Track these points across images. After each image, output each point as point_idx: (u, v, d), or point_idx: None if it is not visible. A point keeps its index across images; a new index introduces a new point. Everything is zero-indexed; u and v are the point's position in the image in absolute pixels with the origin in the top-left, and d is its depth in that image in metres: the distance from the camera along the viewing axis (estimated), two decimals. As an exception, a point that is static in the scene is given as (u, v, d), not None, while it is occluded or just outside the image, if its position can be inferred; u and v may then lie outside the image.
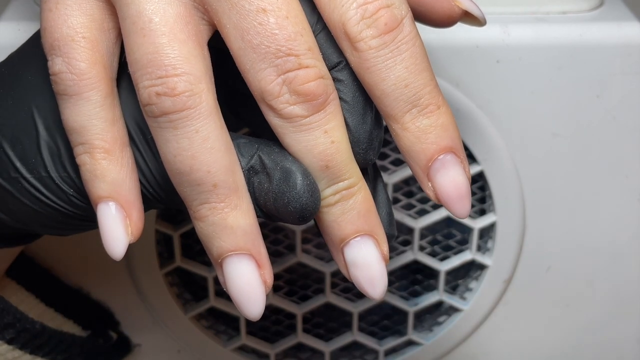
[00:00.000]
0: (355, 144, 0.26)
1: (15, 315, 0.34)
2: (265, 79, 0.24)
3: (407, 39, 0.25)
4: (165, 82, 0.24)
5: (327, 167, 0.25)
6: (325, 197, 0.26)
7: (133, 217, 0.27)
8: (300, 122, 0.25)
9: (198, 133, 0.24)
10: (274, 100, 0.24)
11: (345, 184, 0.26)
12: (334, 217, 0.26)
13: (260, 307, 0.26)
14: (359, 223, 0.26)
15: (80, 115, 0.26)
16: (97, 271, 0.41)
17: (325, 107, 0.25)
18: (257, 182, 0.26)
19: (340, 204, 0.26)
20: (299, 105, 0.24)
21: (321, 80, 0.24)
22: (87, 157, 0.26)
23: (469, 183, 0.27)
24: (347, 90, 0.26)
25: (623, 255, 0.41)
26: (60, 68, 0.25)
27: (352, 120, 0.26)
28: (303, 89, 0.24)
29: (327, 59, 0.25)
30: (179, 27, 0.24)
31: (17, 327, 0.34)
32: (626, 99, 0.37)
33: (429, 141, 0.26)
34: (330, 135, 0.25)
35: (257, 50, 0.24)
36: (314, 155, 0.25)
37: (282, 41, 0.24)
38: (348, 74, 0.25)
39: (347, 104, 0.26)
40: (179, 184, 0.25)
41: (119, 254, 0.27)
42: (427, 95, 0.25)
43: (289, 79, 0.24)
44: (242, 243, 0.26)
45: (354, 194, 0.26)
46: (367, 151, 0.26)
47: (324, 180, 0.25)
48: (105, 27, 0.26)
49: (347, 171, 0.25)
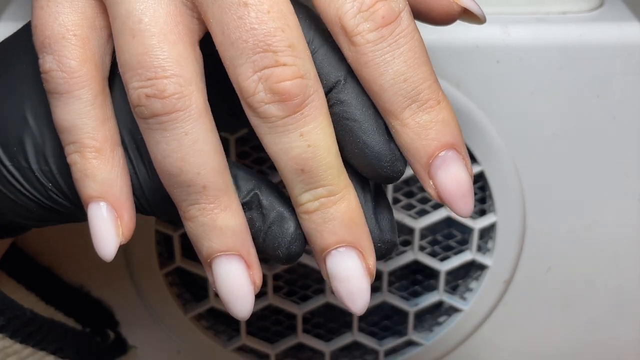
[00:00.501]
0: (378, 160, 0.25)
1: (4, 301, 0.34)
2: (242, 75, 0.24)
3: (405, 32, 0.24)
4: (154, 84, 0.24)
5: (303, 170, 0.24)
6: (302, 202, 0.25)
7: (124, 218, 0.26)
8: (276, 122, 0.24)
9: (187, 135, 0.24)
10: (250, 98, 0.24)
11: (324, 191, 0.25)
12: (314, 225, 0.25)
13: (249, 307, 0.26)
14: (341, 233, 0.25)
15: (71, 114, 0.25)
16: (97, 271, 0.41)
17: (303, 109, 0.24)
18: (248, 217, 0.26)
19: (320, 212, 0.25)
20: (274, 104, 0.24)
21: (299, 80, 0.24)
22: (77, 156, 0.26)
23: (471, 180, 0.26)
24: (354, 110, 0.25)
25: (623, 255, 0.41)
26: (50, 66, 0.25)
27: (367, 138, 0.25)
28: (278, 87, 0.23)
29: (325, 78, 0.25)
30: (169, 27, 0.24)
31: (7, 314, 0.34)
32: (626, 99, 0.37)
33: (429, 137, 0.25)
34: (307, 139, 0.24)
35: (236, 45, 0.23)
36: (290, 158, 0.24)
37: (261, 36, 0.23)
38: (350, 91, 0.25)
39: (357, 122, 0.25)
40: (169, 185, 0.25)
41: (110, 255, 0.26)
42: (426, 90, 0.25)
43: (265, 76, 0.23)
44: (232, 244, 0.26)
45: (335, 202, 0.25)
46: (394, 163, 0.25)
47: (300, 185, 0.25)
48: (97, 25, 0.26)
49: (325, 177, 0.25)
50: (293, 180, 0.25)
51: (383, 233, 0.26)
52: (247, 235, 0.26)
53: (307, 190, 0.25)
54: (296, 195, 0.25)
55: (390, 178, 0.26)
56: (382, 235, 0.26)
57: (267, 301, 0.41)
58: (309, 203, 0.25)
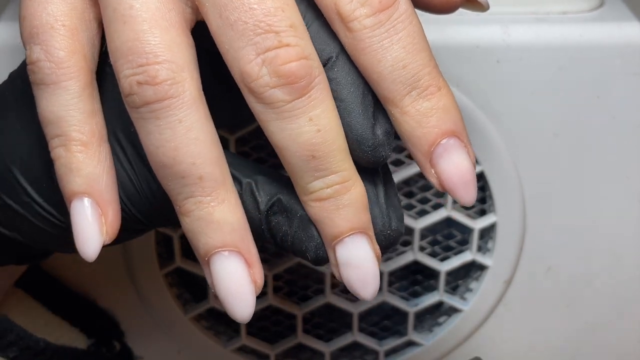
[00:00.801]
0: (360, 143, 0.24)
1: (18, 333, 0.33)
2: (243, 59, 0.23)
3: (403, 17, 0.23)
4: (146, 70, 0.23)
5: (314, 157, 0.23)
6: (314, 190, 0.24)
7: (109, 216, 0.25)
8: (282, 107, 0.23)
9: (181, 123, 0.23)
10: (253, 82, 0.23)
11: (337, 177, 0.24)
12: (326, 213, 0.24)
13: (250, 309, 0.25)
14: (354, 220, 0.24)
15: (57, 106, 0.24)
16: (96, 272, 0.41)
17: (310, 91, 0.23)
18: (274, 221, 0.25)
19: (334, 200, 0.24)
20: (280, 88, 0.23)
21: (304, 61, 0.23)
22: (62, 150, 0.25)
23: (474, 168, 0.25)
24: (341, 89, 0.24)
25: (623, 255, 0.41)
26: (38, 56, 0.24)
27: (351, 119, 0.24)
28: (284, 69, 0.22)
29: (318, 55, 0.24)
30: (160, 13, 0.23)
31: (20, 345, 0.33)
32: (626, 99, 0.37)
33: (430, 125, 0.24)
34: (316, 123, 0.23)
35: (235, 27, 0.23)
36: (299, 145, 0.23)
37: (261, 16, 0.22)
38: (340, 70, 0.24)
39: (343, 102, 0.24)
40: (163, 177, 0.24)
41: (92, 255, 0.25)
42: (426, 77, 0.24)
43: (269, 59, 0.22)
44: (230, 239, 0.24)
45: (349, 188, 0.24)
46: (376, 148, 0.24)
47: (310, 172, 0.24)
48: (86, 17, 0.25)
49: (337, 163, 0.24)
50: (302, 168, 0.24)
51: (391, 220, 0.26)
52: (246, 231, 0.25)
53: (319, 178, 0.24)
54: (306, 183, 0.24)
55: (371, 163, 0.25)
56: (391, 223, 0.26)
57: (267, 301, 0.41)
58: (321, 191, 0.24)
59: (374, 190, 0.26)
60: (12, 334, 0.33)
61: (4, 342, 0.33)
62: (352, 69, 0.24)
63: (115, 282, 0.41)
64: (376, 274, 0.25)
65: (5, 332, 0.33)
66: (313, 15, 0.24)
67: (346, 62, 0.24)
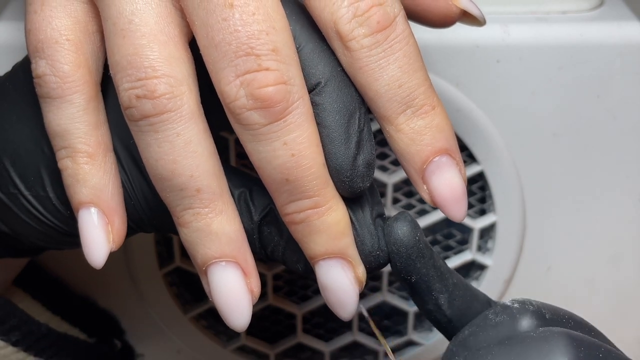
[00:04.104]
0: (338, 172, 0.24)
1: (21, 317, 0.34)
2: (223, 80, 0.23)
3: (400, 37, 0.24)
4: (145, 85, 0.23)
5: (287, 180, 0.24)
6: (288, 212, 0.24)
7: (115, 224, 0.26)
8: (258, 130, 0.23)
9: (179, 136, 0.24)
10: (231, 103, 0.23)
11: (310, 202, 0.24)
12: (300, 236, 0.25)
13: (246, 318, 0.25)
14: (327, 245, 0.25)
15: (64, 119, 0.25)
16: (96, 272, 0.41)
17: (286, 116, 0.23)
18: (266, 231, 0.26)
19: (306, 224, 0.24)
20: (256, 111, 0.23)
21: (282, 86, 0.23)
22: (69, 161, 0.25)
23: (465, 185, 0.26)
24: (326, 115, 0.24)
25: (623, 255, 0.41)
26: (44, 70, 0.25)
27: (333, 147, 0.24)
28: (260, 93, 0.23)
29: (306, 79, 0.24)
30: (159, 27, 0.23)
31: (23, 330, 0.34)
32: (626, 99, 0.37)
33: (424, 143, 0.25)
34: (291, 148, 0.23)
35: (219, 48, 0.23)
36: (273, 168, 0.24)
37: (244, 39, 0.23)
38: (327, 96, 0.24)
39: (326, 129, 0.24)
40: (161, 189, 0.24)
41: (100, 262, 0.26)
42: (421, 96, 0.24)
43: (247, 81, 0.23)
44: (228, 250, 0.25)
45: (321, 214, 0.24)
46: (353, 179, 0.24)
47: (284, 195, 0.24)
48: (89, 29, 0.25)
49: (311, 188, 0.24)
50: (277, 190, 0.24)
51: (380, 241, 0.26)
52: (244, 241, 0.25)
53: (293, 202, 0.24)
54: (281, 204, 0.24)
55: (348, 193, 0.25)
56: (380, 243, 0.26)
57: (267, 301, 0.41)
58: (294, 214, 0.24)
59: (361, 212, 0.26)
60: (15, 318, 0.34)
61: (7, 326, 0.33)
62: (340, 97, 0.24)
63: (115, 281, 0.41)
64: (353, 297, 0.25)
65: (8, 316, 0.33)
66: (307, 37, 0.24)
67: (335, 88, 0.24)
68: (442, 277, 0.26)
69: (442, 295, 0.26)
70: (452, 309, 0.26)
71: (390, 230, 0.26)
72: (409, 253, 0.25)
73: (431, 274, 0.26)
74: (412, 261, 0.25)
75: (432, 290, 0.26)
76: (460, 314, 0.26)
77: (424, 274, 0.26)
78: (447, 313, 0.26)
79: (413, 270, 0.26)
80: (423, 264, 0.26)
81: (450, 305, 0.26)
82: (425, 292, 0.26)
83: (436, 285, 0.26)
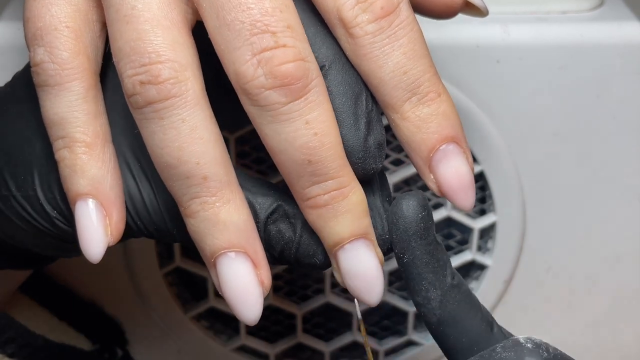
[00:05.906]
0: (350, 154, 0.24)
1: (17, 330, 0.33)
2: (239, 59, 0.22)
3: (404, 23, 0.23)
4: (149, 70, 0.23)
5: (310, 161, 0.23)
6: (311, 196, 0.24)
7: (113, 217, 0.25)
8: (278, 110, 0.22)
9: (185, 122, 0.23)
10: (248, 84, 0.22)
11: (335, 183, 0.23)
12: (323, 220, 0.24)
13: (258, 311, 0.25)
14: (354, 226, 0.24)
15: (61, 107, 0.24)
16: (96, 272, 0.41)
17: (307, 94, 0.22)
18: (274, 230, 0.25)
19: (332, 206, 0.24)
20: (276, 90, 0.22)
21: (301, 63, 0.22)
22: (66, 151, 0.25)
23: (472, 173, 0.25)
24: (333, 98, 0.24)
25: (623, 255, 0.41)
26: (42, 58, 0.24)
27: (342, 129, 0.24)
28: (280, 70, 0.22)
29: None
30: (162, 13, 0.23)
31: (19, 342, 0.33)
32: (626, 99, 0.37)
33: (430, 131, 0.24)
34: (313, 127, 0.23)
35: (232, 27, 0.22)
36: (295, 149, 0.23)
37: (258, 16, 0.22)
38: (332, 79, 0.24)
39: (335, 111, 0.24)
40: (167, 178, 0.24)
41: (97, 256, 0.25)
42: (427, 83, 0.24)
43: (265, 59, 0.22)
44: (236, 240, 0.24)
45: (346, 194, 0.24)
46: (366, 160, 0.24)
47: (306, 177, 0.23)
48: (90, 18, 0.25)
49: (334, 168, 0.23)
50: (299, 172, 0.23)
51: None
52: (253, 231, 0.24)
53: (316, 184, 0.23)
54: (302, 188, 0.24)
55: (360, 174, 0.24)
56: None
57: (266, 301, 0.41)
58: (318, 197, 0.24)
59: (372, 195, 0.25)
60: (12, 330, 0.33)
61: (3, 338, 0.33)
62: (344, 79, 0.24)
63: (115, 281, 0.41)
64: (380, 278, 0.25)
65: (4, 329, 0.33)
66: (309, 21, 0.24)
67: (339, 71, 0.24)
68: (437, 270, 0.25)
69: (434, 290, 0.25)
70: (443, 309, 0.25)
71: (396, 201, 0.25)
72: (407, 227, 0.24)
73: (425, 259, 0.25)
74: (408, 237, 0.25)
75: (423, 280, 0.25)
76: (452, 320, 0.25)
77: (417, 255, 0.25)
78: (437, 312, 0.25)
79: (407, 248, 0.25)
80: (418, 245, 0.25)
81: (441, 305, 0.25)
82: (416, 279, 0.25)
83: (428, 275, 0.25)
